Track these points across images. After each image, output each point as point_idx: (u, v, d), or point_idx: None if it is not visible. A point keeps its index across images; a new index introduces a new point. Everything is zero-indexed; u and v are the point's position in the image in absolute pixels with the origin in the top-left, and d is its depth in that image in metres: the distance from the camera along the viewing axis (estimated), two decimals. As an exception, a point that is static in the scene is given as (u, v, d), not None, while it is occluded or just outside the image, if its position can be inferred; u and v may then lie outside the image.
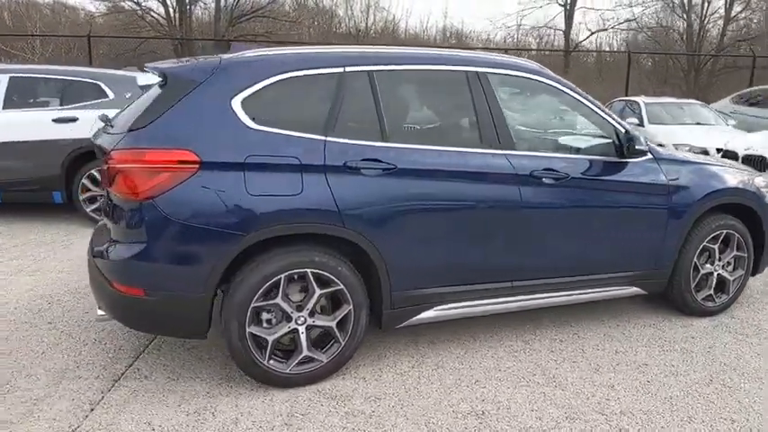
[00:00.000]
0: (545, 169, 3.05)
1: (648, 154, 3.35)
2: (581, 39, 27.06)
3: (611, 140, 3.31)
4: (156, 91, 2.79)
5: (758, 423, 2.56)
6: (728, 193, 3.57)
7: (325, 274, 2.67)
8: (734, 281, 3.74)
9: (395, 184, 2.74)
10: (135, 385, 2.76)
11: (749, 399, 2.75)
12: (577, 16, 26.98)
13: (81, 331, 3.32)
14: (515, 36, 30.64)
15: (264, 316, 2.66)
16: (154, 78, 6.13)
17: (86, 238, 5.26)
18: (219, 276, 2.52)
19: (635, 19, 24.48)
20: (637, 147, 3.21)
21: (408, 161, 2.77)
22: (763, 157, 6.07)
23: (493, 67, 3.09)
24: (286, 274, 2.60)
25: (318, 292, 2.68)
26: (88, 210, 5.59)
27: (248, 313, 2.57)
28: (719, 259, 3.67)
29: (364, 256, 2.75)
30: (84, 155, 5.46)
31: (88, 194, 5.57)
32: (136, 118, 2.54)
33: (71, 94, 5.55)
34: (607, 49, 26.43)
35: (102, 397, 2.65)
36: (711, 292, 3.68)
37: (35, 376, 2.82)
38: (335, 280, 2.69)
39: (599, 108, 3.32)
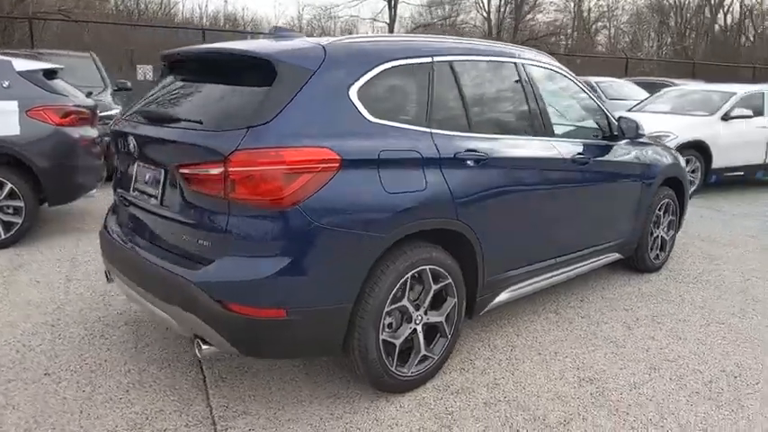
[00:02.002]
0: (578, 154, 3.37)
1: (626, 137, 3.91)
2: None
3: (602, 124, 3.78)
4: (234, 78, 2.42)
5: None
6: (673, 168, 4.33)
7: (438, 268, 2.61)
8: (669, 240, 4.55)
9: (488, 174, 2.79)
10: (242, 425, 2.37)
11: (744, 327, 3.44)
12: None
13: (104, 378, 2.69)
14: (297, 24, 31.25)
15: (387, 320, 2.51)
16: (34, 64, 4.96)
17: None
18: (361, 282, 2.31)
19: (450, 17, 26.98)
20: (639, 131, 3.73)
21: (496, 151, 2.84)
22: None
23: (526, 59, 3.29)
24: (411, 273, 2.49)
25: (434, 287, 2.62)
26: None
27: (382, 319, 2.41)
28: (661, 224, 4.44)
29: (465, 247, 2.75)
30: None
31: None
32: (250, 112, 2.17)
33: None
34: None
35: (220, 444, 2.24)
36: (658, 251, 4.43)
37: (105, 440, 2.25)
38: (446, 274, 2.65)
39: (592, 94, 3.77)
